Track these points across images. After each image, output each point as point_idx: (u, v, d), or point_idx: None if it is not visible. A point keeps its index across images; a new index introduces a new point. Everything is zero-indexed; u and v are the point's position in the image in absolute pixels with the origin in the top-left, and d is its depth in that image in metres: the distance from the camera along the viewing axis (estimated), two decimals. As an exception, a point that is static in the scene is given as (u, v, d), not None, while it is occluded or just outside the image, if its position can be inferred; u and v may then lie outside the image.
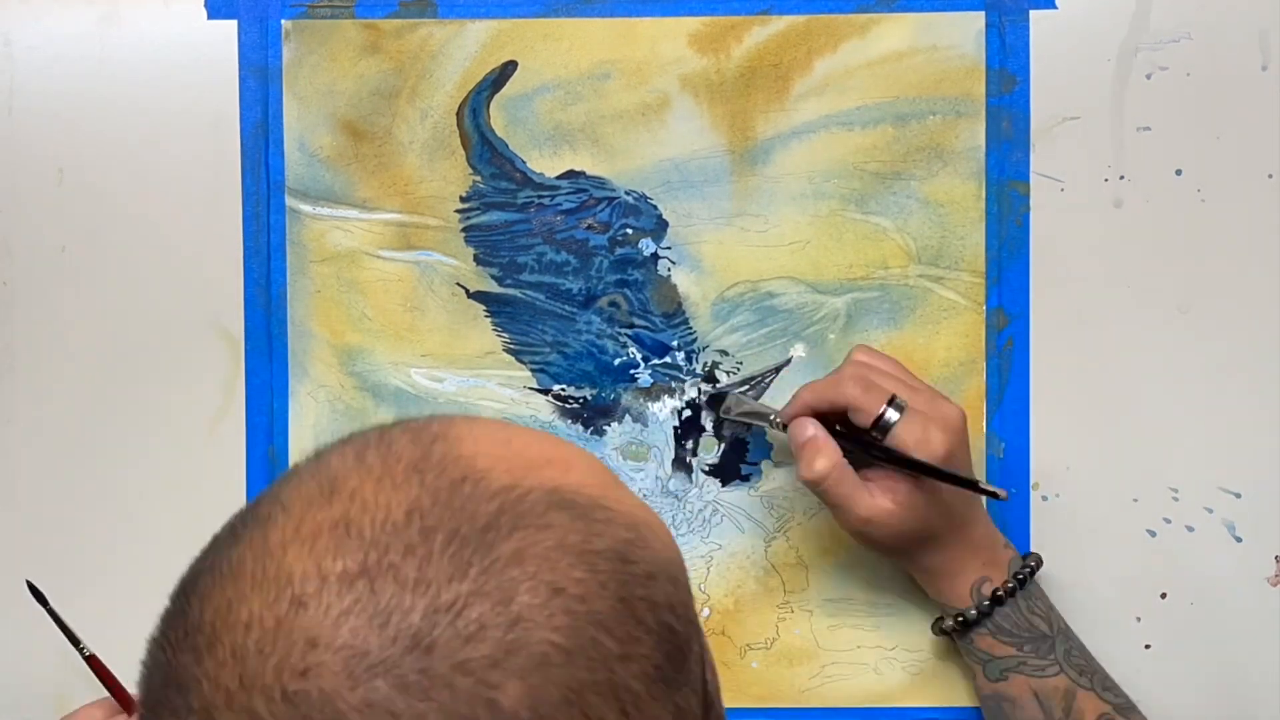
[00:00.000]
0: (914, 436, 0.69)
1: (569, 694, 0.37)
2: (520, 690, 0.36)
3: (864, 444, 0.70)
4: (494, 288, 0.78)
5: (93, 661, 0.74)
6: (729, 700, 0.78)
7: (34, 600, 0.74)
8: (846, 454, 0.70)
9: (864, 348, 0.74)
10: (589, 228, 0.78)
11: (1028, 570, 0.72)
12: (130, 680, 0.75)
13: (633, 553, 0.40)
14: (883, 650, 0.77)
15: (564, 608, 0.38)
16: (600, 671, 0.38)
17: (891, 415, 0.70)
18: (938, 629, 0.75)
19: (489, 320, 0.78)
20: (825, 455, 0.70)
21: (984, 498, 0.72)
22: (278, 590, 0.38)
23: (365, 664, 0.36)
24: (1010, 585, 0.72)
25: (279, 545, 0.39)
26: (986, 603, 0.72)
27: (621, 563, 0.40)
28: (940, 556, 0.72)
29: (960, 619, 0.72)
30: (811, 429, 0.71)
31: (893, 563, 0.75)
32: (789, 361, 0.78)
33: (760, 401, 0.76)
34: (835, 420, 0.71)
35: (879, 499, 0.70)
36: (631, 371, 0.78)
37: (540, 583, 0.38)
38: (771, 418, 0.74)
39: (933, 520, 0.71)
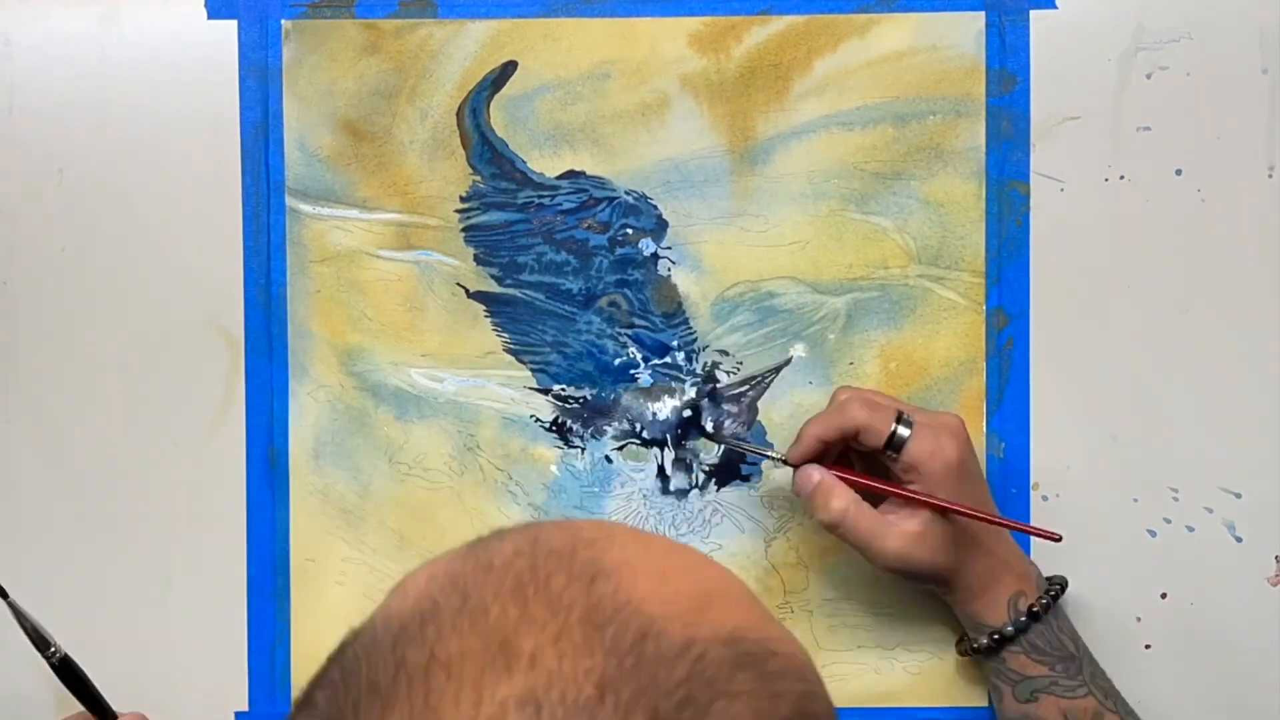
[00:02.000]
0: (927, 448, 0.70)
1: None
2: None
3: (884, 486, 0.71)
4: (494, 288, 0.78)
5: (65, 666, 0.69)
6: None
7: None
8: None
9: (847, 388, 0.74)
10: (589, 228, 0.78)
11: (1058, 587, 0.72)
12: (113, 685, 0.74)
13: (808, 706, 0.38)
14: (883, 650, 0.77)
15: None
16: None
17: (903, 431, 0.70)
18: (967, 649, 0.74)
19: (489, 320, 0.78)
20: (838, 495, 0.70)
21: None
22: None
23: None
24: (1045, 601, 0.71)
25: None
26: (1023, 618, 0.71)
27: (808, 694, 0.37)
28: (975, 571, 0.71)
29: (996, 636, 0.71)
30: (817, 474, 0.71)
31: (929, 590, 0.74)
32: (789, 361, 0.78)
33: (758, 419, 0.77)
34: (846, 472, 0.72)
35: (905, 525, 0.70)
36: (631, 371, 0.78)
37: None
38: (774, 455, 0.74)
39: (960, 536, 0.71)
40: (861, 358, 0.77)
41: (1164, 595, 0.77)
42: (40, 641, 0.69)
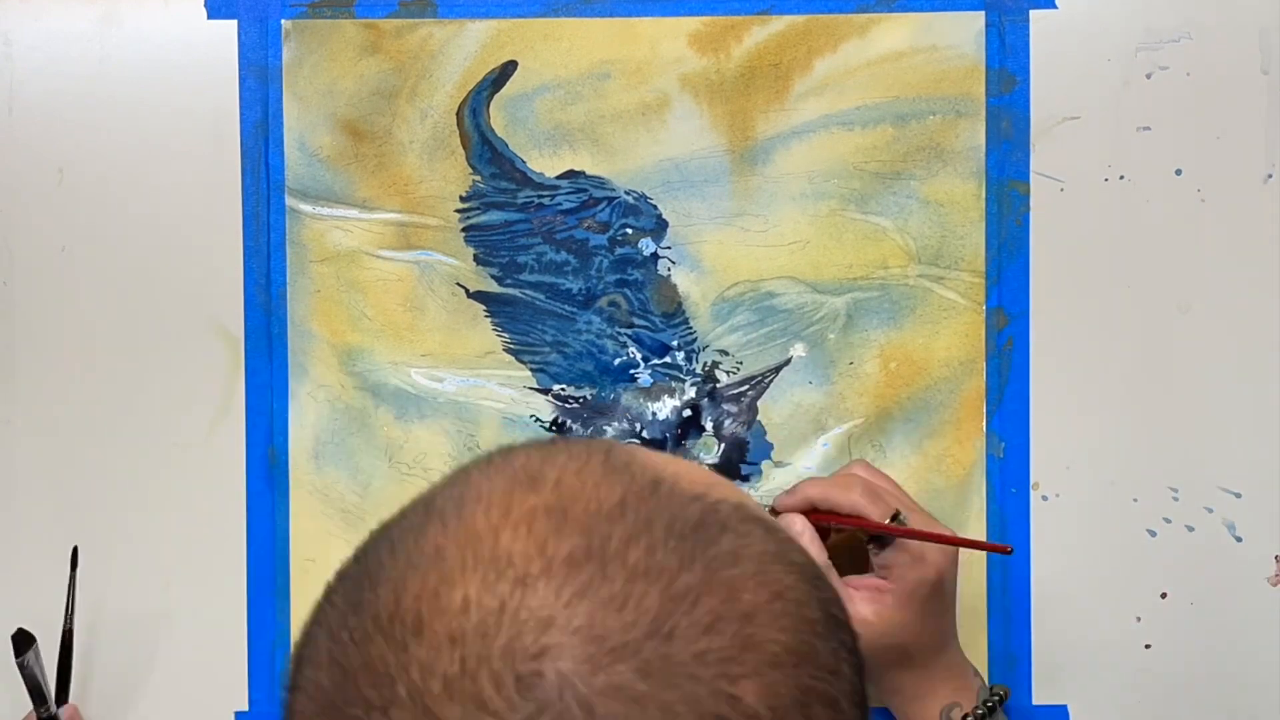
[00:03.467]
0: (910, 555, 0.69)
1: (800, 696, 0.36)
2: (758, 687, 0.36)
3: (864, 523, 0.70)
4: (494, 287, 0.78)
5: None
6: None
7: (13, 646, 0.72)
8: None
9: (863, 462, 0.74)
10: (589, 228, 0.78)
11: (996, 699, 0.71)
12: (113, 684, 0.75)
13: (821, 576, 0.40)
14: (883, 650, 0.77)
15: (786, 610, 0.37)
16: (821, 680, 0.37)
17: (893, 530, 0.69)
18: None
19: (489, 320, 0.78)
20: (814, 550, 0.69)
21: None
22: (498, 572, 0.36)
23: (606, 646, 0.35)
24: (980, 712, 0.70)
25: (488, 530, 0.37)
26: None
27: (818, 579, 0.39)
28: (911, 677, 0.71)
29: None
30: (800, 524, 0.70)
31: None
32: (789, 361, 0.78)
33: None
34: (828, 518, 0.71)
35: (860, 607, 0.69)
36: (631, 371, 0.78)
37: (761, 584, 0.37)
38: (763, 503, 0.74)
39: (909, 639, 0.69)
40: (861, 358, 0.77)
41: (1164, 595, 0.77)
42: (39, 699, 0.72)
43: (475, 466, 0.41)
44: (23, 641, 0.71)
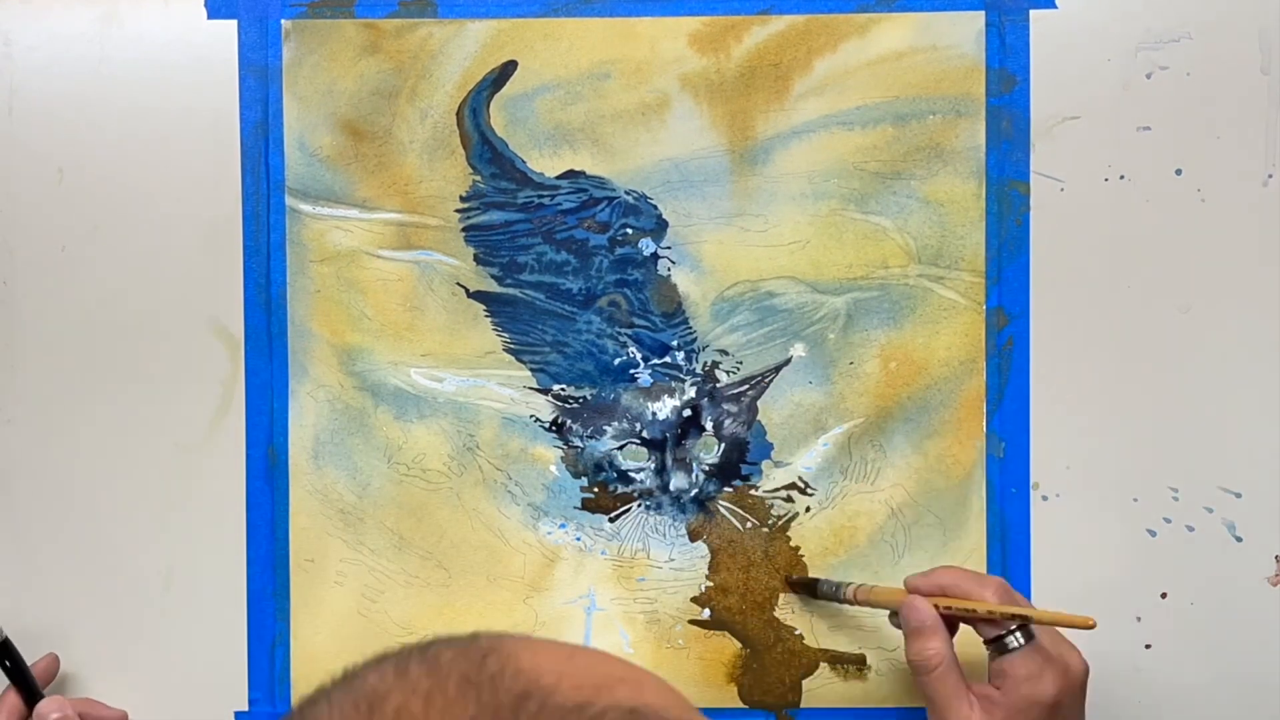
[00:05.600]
0: (1028, 669, 0.66)
1: None
2: None
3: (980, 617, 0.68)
4: (494, 287, 0.78)
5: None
6: (733, 702, 0.78)
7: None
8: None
9: (999, 580, 0.70)
10: (589, 227, 0.78)
11: None
12: (113, 684, 0.75)
13: None
14: (883, 651, 0.77)
15: None
16: None
17: (1016, 640, 0.66)
18: None
19: (489, 320, 0.78)
20: (939, 642, 0.67)
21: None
22: None
23: None
24: None
25: None
26: None
27: None
28: None
29: None
30: (930, 611, 0.68)
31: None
32: (789, 361, 0.78)
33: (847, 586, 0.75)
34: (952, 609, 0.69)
35: (974, 713, 0.66)
36: (631, 371, 0.78)
37: None
38: (871, 592, 0.73)
39: None
40: (861, 357, 0.77)
41: (1164, 595, 0.77)
42: None
43: (336, 684, 0.37)
44: None
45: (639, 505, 0.78)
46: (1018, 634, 0.66)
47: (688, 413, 0.78)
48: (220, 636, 0.78)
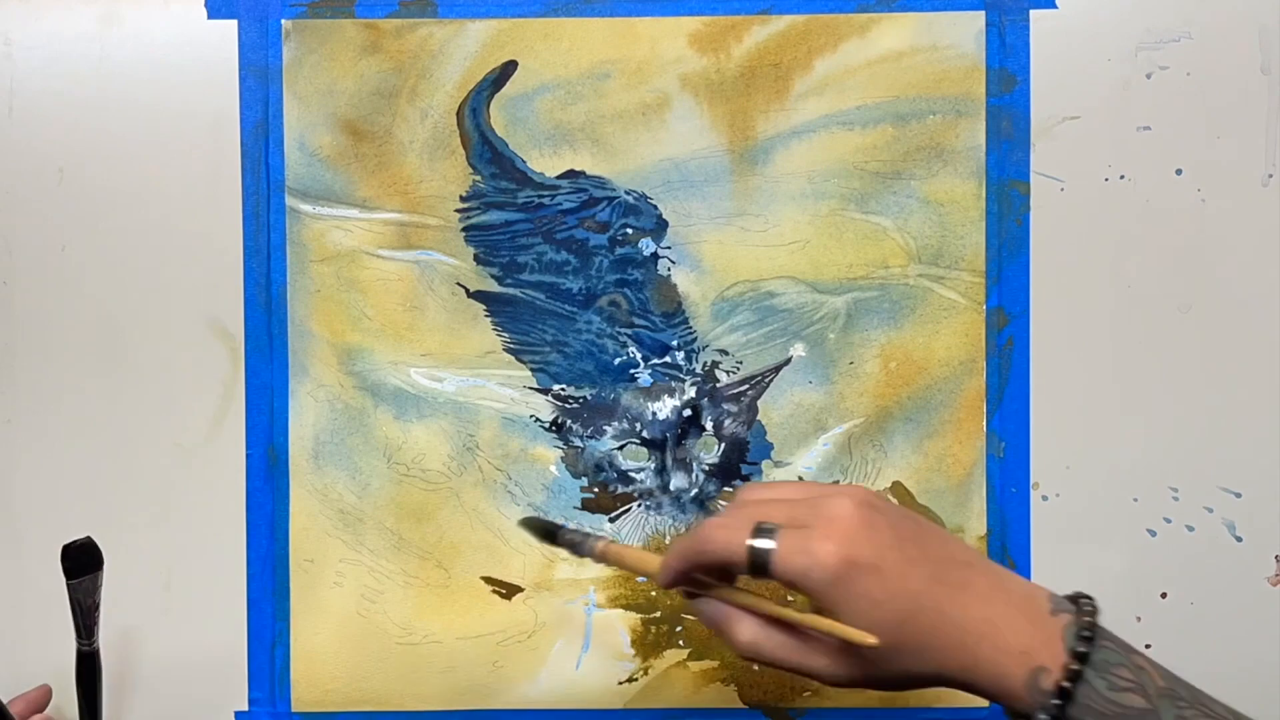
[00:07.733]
0: (798, 561, 0.52)
1: None
2: None
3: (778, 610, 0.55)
4: (494, 287, 0.78)
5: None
6: (733, 702, 0.78)
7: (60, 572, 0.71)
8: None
9: (755, 486, 0.59)
10: (589, 227, 0.78)
11: (1087, 634, 0.53)
12: (113, 684, 0.75)
13: None
14: (883, 650, 0.77)
15: None
16: None
17: (763, 544, 0.53)
18: None
19: (489, 320, 0.78)
20: (743, 624, 0.55)
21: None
22: None
23: None
24: (1074, 668, 0.52)
25: None
26: (1055, 702, 0.51)
27: None
28: (962, 663, 0.52)
29: None
30: (719, 609, 0.56)
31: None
32: (789, 361, 0.78)
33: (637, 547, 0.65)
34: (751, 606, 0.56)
35: (829, 641, 0.53)
36: (631, 371, 0.78)
37: None
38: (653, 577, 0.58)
39: (911, 628, 0.52)
40: (861, 357, 0.77)
41: (1164, 595, 0.77)
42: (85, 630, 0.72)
43: None
44: (87, 561, 0.71)
45: (639, 505, 0.78)
46: (759, 541, 0.53)
47: (688, 413, 0.78)
48: (220, 636, 0.78)
